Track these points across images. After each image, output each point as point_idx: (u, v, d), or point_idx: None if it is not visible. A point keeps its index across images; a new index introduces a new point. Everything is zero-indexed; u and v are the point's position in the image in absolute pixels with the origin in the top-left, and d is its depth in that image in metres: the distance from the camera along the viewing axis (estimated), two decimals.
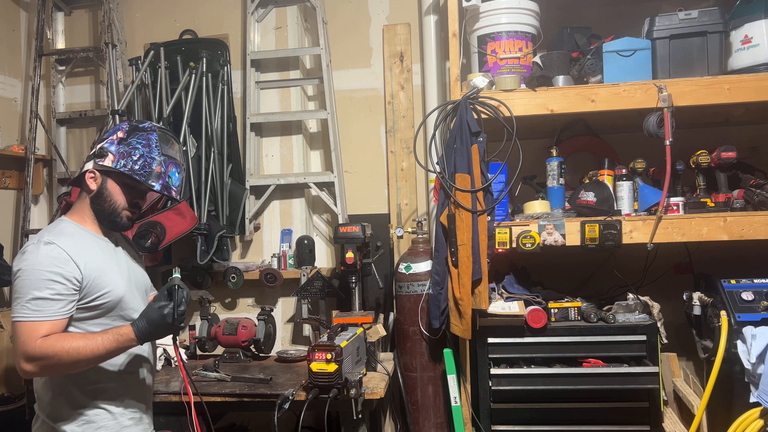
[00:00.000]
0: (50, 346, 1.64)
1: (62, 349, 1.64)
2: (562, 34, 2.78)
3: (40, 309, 1.65)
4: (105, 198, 1.82)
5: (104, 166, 1.80)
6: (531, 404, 2.51)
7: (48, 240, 1.71)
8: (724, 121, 2.85)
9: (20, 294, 1.66)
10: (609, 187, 2.58)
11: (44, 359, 1.64)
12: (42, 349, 1.63)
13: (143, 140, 1.83)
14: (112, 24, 3.43)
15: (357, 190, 3.39)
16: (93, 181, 1.82)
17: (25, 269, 1.67)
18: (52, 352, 1.63)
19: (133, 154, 1.80)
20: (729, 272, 2.54)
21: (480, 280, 2.42)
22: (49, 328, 1.66)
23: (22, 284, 1.67)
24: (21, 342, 1.65)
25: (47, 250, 1.69)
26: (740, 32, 2.48)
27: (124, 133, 1.83)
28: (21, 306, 1.66)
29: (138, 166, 1.80)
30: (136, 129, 1.85)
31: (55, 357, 1.64)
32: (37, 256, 1.68)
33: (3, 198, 3.51)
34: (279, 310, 3.40)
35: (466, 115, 2.46)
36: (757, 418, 2.27)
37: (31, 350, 1.64)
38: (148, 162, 1.81)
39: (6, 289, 3.46)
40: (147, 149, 1.82)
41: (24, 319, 1.65)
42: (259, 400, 2.51)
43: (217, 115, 3.28)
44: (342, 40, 3.42)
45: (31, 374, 1.68)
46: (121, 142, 1.82)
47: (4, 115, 3.55)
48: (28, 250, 1.70)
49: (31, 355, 1.64)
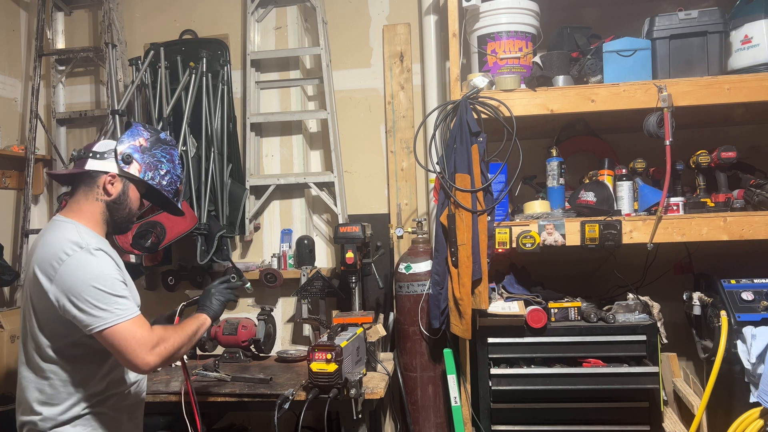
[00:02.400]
0: (161, 332, 1.69)
1: (170, 332, 1.71)
2: (562, 34, 2.78)
3: (128, 307, 1.66)
4: (124, 205, 1.80)
5: (130, 174, 1.78)
6: (531, 404, 2.51)
7: (96, 246, 1.68)
8: (724, 121, 2.85)
9: (103, 300, 1.62)
10: (609, 187, 2.58)
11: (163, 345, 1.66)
12: (158, 336, 1.67)
13: (167, 155, 1.84)
14: (112, 24, 3.43)
15: (357, 190, 3.39)
16: (112, 186, 1.77)
17: (96, 276, 1.63)
18: (167, 336, 1.68)
19: (159, 168, 1.80)
20: (729, 272, 2.54)
21: (480, 280, 2.42)
22: (143, 320, 1.68)
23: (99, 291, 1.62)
24: (136, 338, 1.62)
25: (104, 257, 1.69)
26: (740, 32, 2.48)
27: (147, 142, 1.81)
28: (111, 311, 1.62)
29: (165, 182, 1.82)
30: (159, 141, 1.84)
31: (170, 340, 1.68)
32: (97, 261, 1.66)
33: (3, 198, 3.51)
34: (279, 310, 3.40)
35: (466, 115, 2.46)
36: (757, 418, 2.27)
37: (150, 340, 1.64)
38: (174, 180, 1.84)
39: (6, 289, 3.46)
40: (171, 165, 1.84)
41: (125, 319, 1.63)
42: (259, 400, 2.51)
43: (217, 115, 3.28)
44: (342, 40, 3.42)
45: (155, 365, 1.66)
46: (145, 151, 1.80)
47: (4, 115, 3.55)
48: (80, 259, 1.64)
49: (153, 343, 1.64)
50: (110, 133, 3.15)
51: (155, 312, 2.10)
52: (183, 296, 3.23)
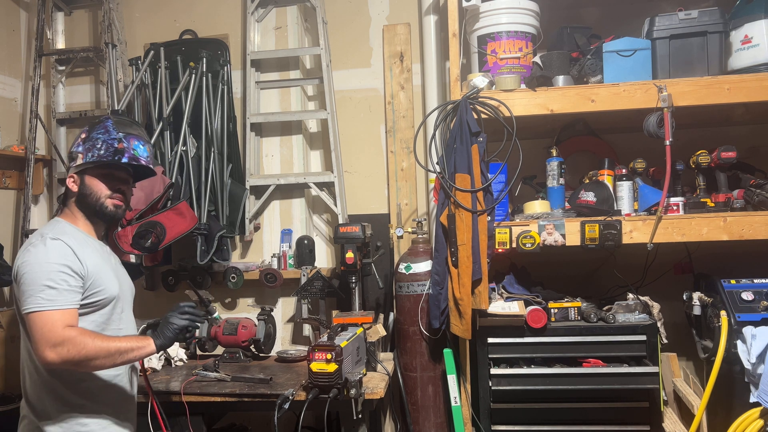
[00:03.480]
0: (72, 332, 1.68)
1: (86, 338, 1.69)
2: (562, 34, 2.78)
3: (54, 299, 1.70)
4: (87, 194, 1.91)
5: (77, 166, 1.91)
6: (531, 404, 2.51)
7: (53, 236, 1.78)
8: (724, 121, 2.85)
9: (32, 285, 1.70)
10: (609, 187, 2.58)
11: (65, 343, 1.66)
12: (65, 334, 1.66)
13: (101, 129, 1.93)
14: (112, 24, 3.43)
15: (357, 190, 3.39)
16: (74, 184, 1.91)
17: (34, 262, 1.72)
18: (77, 339, 1.67)
19: (96, 145, 1.90)
20: (729, 272, 2.54)
21: (480, 280, 2.42)
22: (67, 317, 1.71)
23: (32, 276, 1.71)
24: (43, 330, 1.67)
25: (54, 245, 1.76)
26: (740, 32, 2.48)
27: (85, 134, 1.95)
28: (34, 297, 1.69)
29: (103, 151, 1.90)
30: (93, 125, 1.96)
31: (79, 342, 1.67)
32: (45, 249, 1.74)
33: (3, 198, 3.51)
34: (279, 310, 3.40)
35: (466, 115, 2.46)
36: (757, 418, 2.27)
37: (55, 337, 1.66)
38: (109, 144, 1.91)
39: (6, 289, 3.46)
40: (106, 135, 1.92)
41: (42, 309, 1.68)
42: (259, 400, 2.51)
43: (217, 115, 3.28)
44: (342, 40, 3.42)
45: (54, 363, 1.68)
46: (84, 141, 1.93)
47: (4, 115, 3.55)
48: (32, 246, 1.76)
49: (56, 341, 1.66)
50: None
51: (156, 312, 2.10)
52: (183, 296, 3.24)
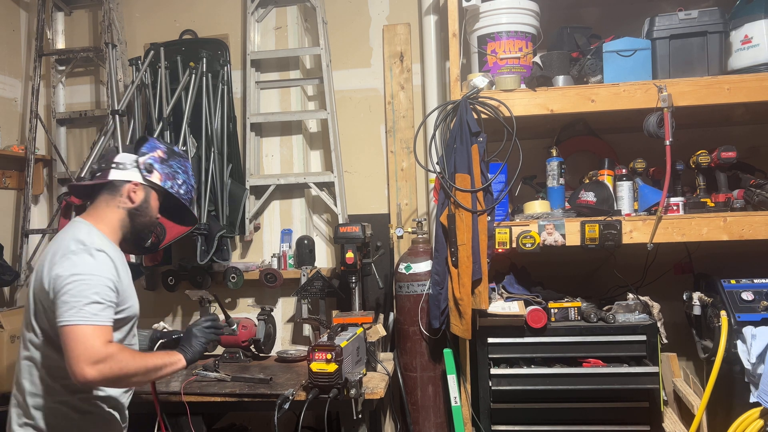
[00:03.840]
0: (117, 350, 1.62)
1: (126, 355, 1.64)
2: (562, 34, 2.78)
3: (99, 314, 1.63)
4: (145, 213, 1.84)
5: (152, 182, 1.84)
6: (531, 404, 2.51)
7: (99, 248, 1.71)
8: (724, 121, 2.85)
9: (78, 297, 1.62)
10: (609, 187, 2.58)
11: (111, 363, 1.60)
12: (107, 351, 1.59)
13: (182, 166, 1.90)
14: (112, 24, 3.43)
15: (357, 190, 3.39)
16: (135, 194, 1.82)
17: (84, 273, 1.65)
18: (118, 356, 1.61)
19: (177, 178, 1.86)
20: (729, 272, 2.54)
21: (480, 280, 2.42)
22: (107, 333, 1.65)
23: (80, 289, 1.63)
24: (86, 345, 1.59)
25: (102, 258, 1.70)
26: (740, 32, 2.48)
27: (164, 154, 1.88)
28: (79, 310, 1.61)
29: (183, 191, 1.88)
30: (173, 153, 1.91)
31: (122, 363, 1.62)
32: (94, 262, 1.68)
33: (3, 198, 3.51)
34: (279, 310, 3.40)
35: (466, 115, 2.46)
36: (757, 418, 2.27)
37: (98, 353, 1.58)
38: (189, 189, 1.90)
39: (6, 289, 3.46)
40: (186, 176, 1.90)
41: (87, 322, 1.61)
42: (259, 400, 2.50)
43: (217, 115, 3.28)
44: (342, 40, 3.42)
45: (92, 381, 1.60)
46: (163, 162, 1.86)
47: (4, 115, 3.55)
48: (76, 255, 1.67)
49: (98, 357, 1.58)
50: (110, 133, 3.15)
51: (156, 312, 2.10)
52: (183, 296, 3.23)
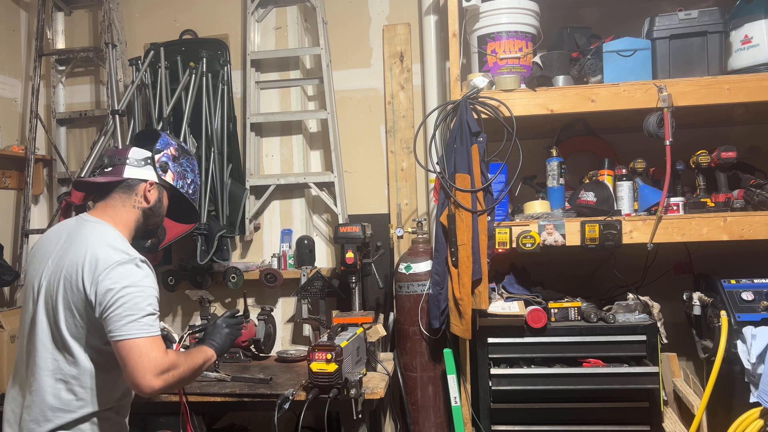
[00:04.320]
0: (175, 357, 1.63)
1: (181, 362, 1.64)
2: (562, 34, 2.78)
3: (154, 324, 1.63)
4: (157, 213, 1.83)
5: (167, 182, 1.82)
6: (531, 404, 2.51)
7: (143, 258, 1.69)
8: (724, 121, 2.85)
9: (134, 310, 1.60)
10: (609, 187, 2.58)
11: (174, 371, 1.62)
12: (170, 361, 1.61)
13: (190, 164, 1.88)
14: (112, 24, 3.43)
15: (357, 190, 3.39)
16: (150, 194, 1.80)
17: (136, 286, 1.62)
18: (178, 362, 1.63)
19: (186, 177, 1.84)
20: (729, 272, 2.54)
21: (480, 280, 2.42)
22: (163, 343, 1.65)
23: (135, 301, 1.61)
24: (150, 357, 1.58)
25: (147, 269, 1.68)
26: (740, 32, 2.48)
27: (176, 151, 1.85)
28: (137, 323, 1.60)
29: (191, 191, 1.86)
30: (184, 150, 1.88)
31: (181, 368, 1.64)
32: (142, 273, 1.66)
33: (3, 198, 3.51)
34: (279, 310, 3.40)
35: (466, 115, 2.46)
36: (757, 418, 2.27)
37: (162, 364, 1.59)
38: (196, 189, 1.88)
39: (6, 289, 3.46)
40: (194, 175, 1.88)
41: (147, 335, 1.60)
42: (259, 400, 2.50)
43: (217, 115, 3.28)
44: (342, 40, 3.42)
45: (158, 390, 1.60)
46: (175, 160, 1.84)
47: (4, 115, 3.55)
48: (125, 266, 1.64)
49: (164, 368, 1.59)
50: (110, 133, 3.15)
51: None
52: (183, 296, 3.23)
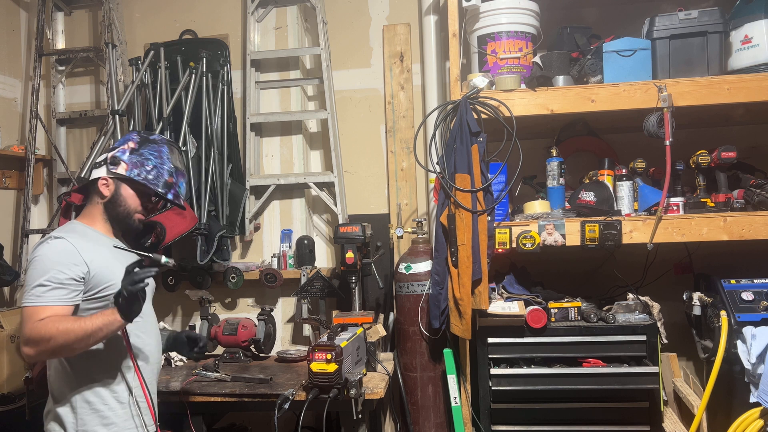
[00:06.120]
0: (44, 327, 1.73)
1: (56, 330, 1.72)
2: (562, 34, 2.78)
3: (41, 295, 1.76)
4: (119, 203, 1.95)
5: (117, 174, 1.94)
6: (531, 404, 2.51)
7: (57, 235, 1.85)
8: (724, 121, 2.85)
9: (28, 283, 1.80)
10: (609, 187, 2.58)
11: (40, 341, 1.72)
12: (37, 330, 1.72)
13: (155, 152, 1.98)
14: (112, 24, 3.43)
15: (357, 190, 3.39)
16: (106, 188, 1.94)
17: (33, 260, 1.81)
18: (47, 333, 1.72)
19: (146, 164, 1.95)
20: (729, 272, 2.54)
21: (480, 280, 2.42)
22: (50, 313, 1.75)
23: (30, 274, 1.80)
24: (26, 326, 1.75)
25: (56, 244, 1.83)
26: (740, 32, 2.48)
27: (135, 144, 1.98)
28: (27, 293, 1.78)
29: (152, 176, 1.95)
30: (147, 140, 1.99)
31: (49, 337, 1.72)
32: (47, 248, 1.82)
33: (3, 198, 3.51)
34: (279, 310, 3.40)
35: (466, 115, 2.46)
36: (757, 418, 2.27)
37: (27, 332, 1.73)
38: (161, 173, 1.96)
39: (6, 289, 3.46)
40: (159, 161, 1.97)
41: (27, 304, 1.77)
42: (259, 400, 2.51)
43: (217, 115, 3.28)
44: (342, 40, 3.42)
45: (30, 357, 1.76)
46: (133, 152, 1.96)
47: (4, 115, 3.55)
48: (39, 246, 1.85)
49: (28, 337, 1.73)
50: (110, 133, 3.15)
51: (155, 312, 2.10)
52: (183, 296, 3.24)
